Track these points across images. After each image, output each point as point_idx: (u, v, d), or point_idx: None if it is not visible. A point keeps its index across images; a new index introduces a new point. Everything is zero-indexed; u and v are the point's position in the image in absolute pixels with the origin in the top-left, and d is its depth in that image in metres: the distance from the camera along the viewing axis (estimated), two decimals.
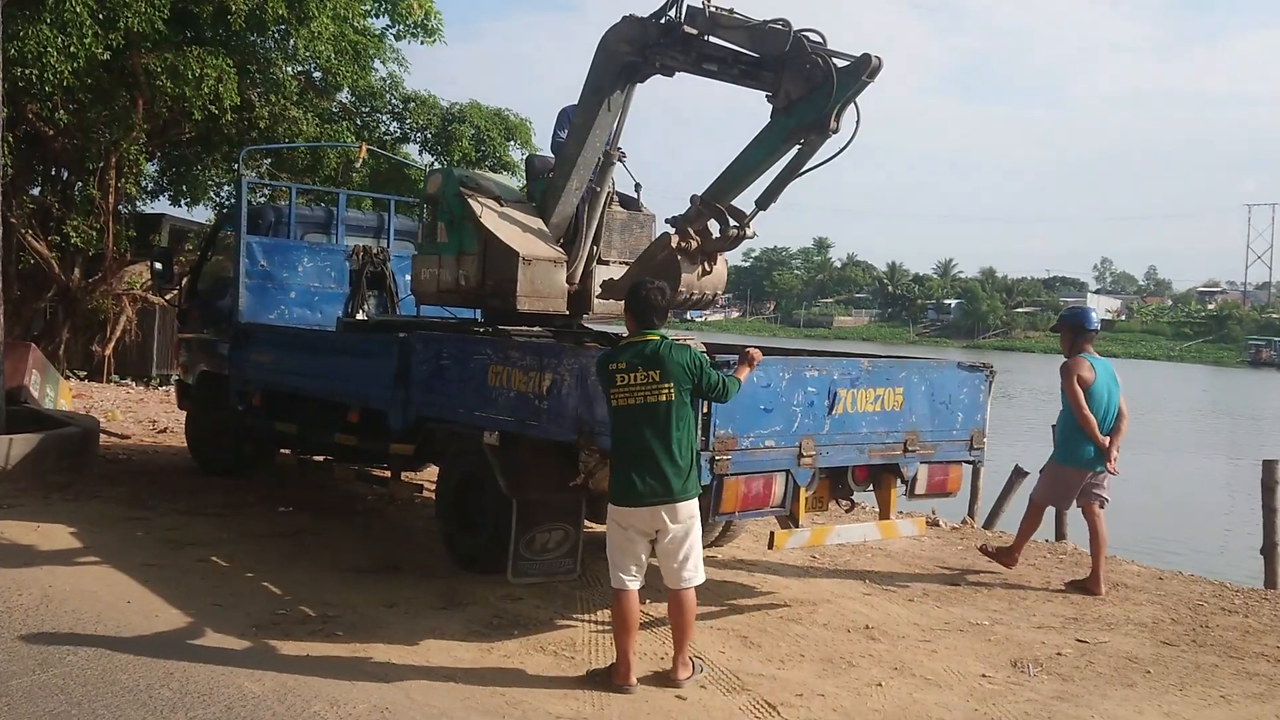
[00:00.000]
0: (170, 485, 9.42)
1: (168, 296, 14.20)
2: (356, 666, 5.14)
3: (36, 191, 18.49)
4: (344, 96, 19.03)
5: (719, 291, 7.19)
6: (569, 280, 7.25)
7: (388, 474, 8.01)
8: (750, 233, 6.59)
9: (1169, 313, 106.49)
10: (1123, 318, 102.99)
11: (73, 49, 13.55)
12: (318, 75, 18.15)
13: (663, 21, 6.45)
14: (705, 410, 5.25)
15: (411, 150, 19.54)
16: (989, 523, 10.05)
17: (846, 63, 5.84)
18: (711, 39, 6.33)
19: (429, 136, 19.18)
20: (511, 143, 19.04)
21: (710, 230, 6.64)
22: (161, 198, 19.77)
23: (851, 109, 5.94)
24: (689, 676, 5.07)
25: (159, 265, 10.96)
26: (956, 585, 7.26)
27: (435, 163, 18.70)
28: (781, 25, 6.01)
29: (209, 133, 17.06)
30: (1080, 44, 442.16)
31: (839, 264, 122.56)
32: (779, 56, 6.01)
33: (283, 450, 9.47)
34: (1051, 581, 7.46)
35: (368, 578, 6.71)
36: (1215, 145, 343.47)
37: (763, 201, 6.34)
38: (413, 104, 19.17)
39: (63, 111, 15.73)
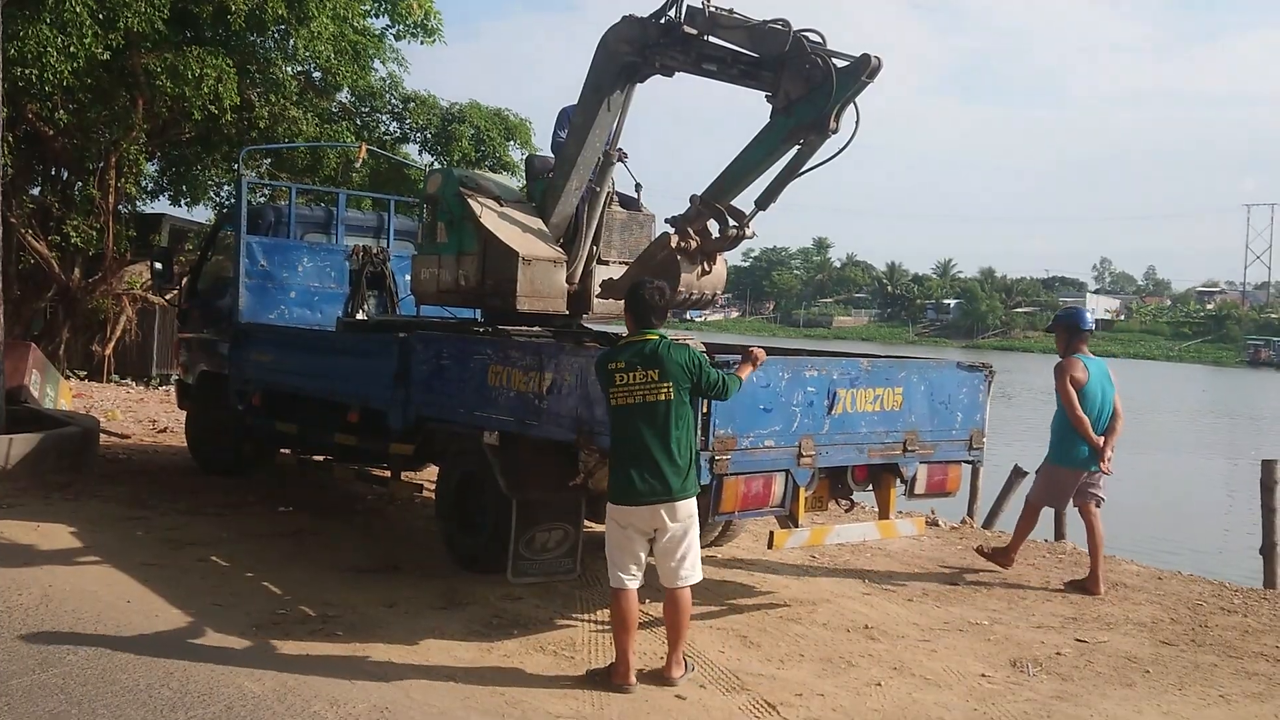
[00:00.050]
0: (170, 485, 9.43)
1: (168, 296, 14.23)
2: (356, 666, 5.14)
3: (36, 191, 18.48)
4: (344, 96, 19.04)
5: (718, 291, 7.19)
6: (569, 280, 7.26)
7: (388, 474, 8.01)
8: (750, 233, 6.60)
9: (1168, 313, 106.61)
10: (1122, 318, 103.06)
11: (72, 49, 13.54)
12: (317, 75, 18.14)
13: (662, 21, 6.45)
14: (705, 410, 5.25)
15: (411, 150, 19.58)
16: (988, 522, 10.06)
17: (846, 63, 5.84)
18: (711, 39, 6.34)
19: (429, 136, 19.18)
20: (511, 143, 19.05)
21: (710, 230, 6.65)
22: (161, 198, 19.82)
23: (851, 109, 5.95)
24: (682, 675, 5.08)
25: (159, 265, 10.97)
26: (956, 585, 7.27)
27: (435, 163, 18.70)
28: (781, 25, 6.02)
29: (209, 133, 17.06)
30: (1080, 44, 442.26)
31: (838, 264, 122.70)
32: (778, 56, 6.01)
33: (283, 450, 9.46)
34: (1050, 581, 7.46)
35: (368, 577, 6.72)
36: (1215, 145, 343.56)
37: (762, 201, 6.35)
38: (412, 104, 19.18)
39: (62, 111, 15.72)
